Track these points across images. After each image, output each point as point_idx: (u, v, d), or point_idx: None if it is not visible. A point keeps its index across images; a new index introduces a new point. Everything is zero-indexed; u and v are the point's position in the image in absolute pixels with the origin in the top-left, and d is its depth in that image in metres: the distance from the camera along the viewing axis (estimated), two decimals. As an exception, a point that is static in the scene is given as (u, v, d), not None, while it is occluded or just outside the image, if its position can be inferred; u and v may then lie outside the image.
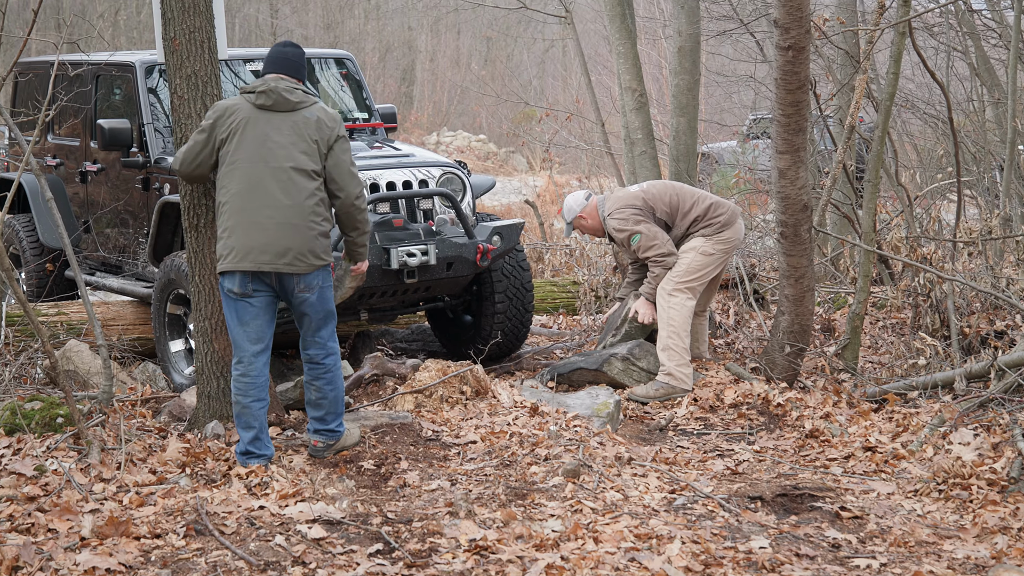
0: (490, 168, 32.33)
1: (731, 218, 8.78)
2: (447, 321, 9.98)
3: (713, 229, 8.73)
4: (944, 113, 14.36)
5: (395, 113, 10.52)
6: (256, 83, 6.79)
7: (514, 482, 6.51)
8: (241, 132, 6.69)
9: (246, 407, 6.78)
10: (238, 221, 6.67)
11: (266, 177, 6.68)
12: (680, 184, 9.14)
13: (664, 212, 8.81)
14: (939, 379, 8.37)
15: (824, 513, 6.27)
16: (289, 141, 6.72)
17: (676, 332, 8.62)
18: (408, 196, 8.97)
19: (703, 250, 8.72)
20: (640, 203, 8.81)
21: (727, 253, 8.82)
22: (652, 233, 8.73)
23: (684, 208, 8.80)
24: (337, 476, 6.60)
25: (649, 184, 9.14)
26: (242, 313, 6.76)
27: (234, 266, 6.66)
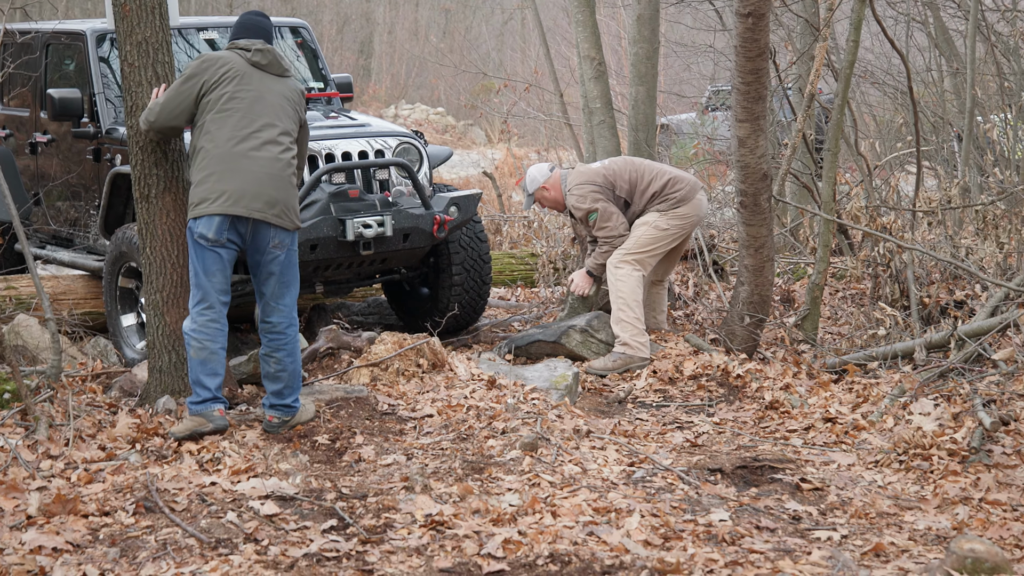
0: (448, 141, 32.15)
1: (689, 193, 8.69)
2: (404, 294, 9.86)
3: (668, 204, 8.65)
4: (903, 83, 14.32)
5: (351, 83, 10.37)
6: (244, 43, 6.79)
7: (471, 456, 6.42)
8: (237, 82, 6.70)
9: (214, 352, 6.71)
10: (229, 167, 6.61)
11: (261, 130, 6.70)
12: (641, 160, 9.04)
13: (624, 189, 8.74)
14: (899, 349, 8.32)
15: (784, 485, 6.21)
16: (279, 103, 6.79)
17: (626, 303, 8.55)
18: (364, 166, 8.83)
19: (656, 224, 8.64)
20: (601, 180, 8.73)
21: (683, 228, 8.72)
22: (608, 214, 8.66)
23: (642, 185, 8.72)
24: (291, 451, 6.49)
25: (611, 160, 9.07)
26: (209, 263, 6.67)
27: (225, 209, 6.57)
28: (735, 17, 7.94)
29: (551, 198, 8.98)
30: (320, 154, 8.75)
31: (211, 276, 6.66)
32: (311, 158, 8.72)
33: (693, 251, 10.79)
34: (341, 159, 8.81)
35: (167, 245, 7.08)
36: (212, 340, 6.68)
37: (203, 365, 6.65)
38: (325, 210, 8.50)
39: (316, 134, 8.89)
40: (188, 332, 6.71)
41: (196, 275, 6.69)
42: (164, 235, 7.05)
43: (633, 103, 9.64)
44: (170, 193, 7.07)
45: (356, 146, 8.90)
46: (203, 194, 6.61)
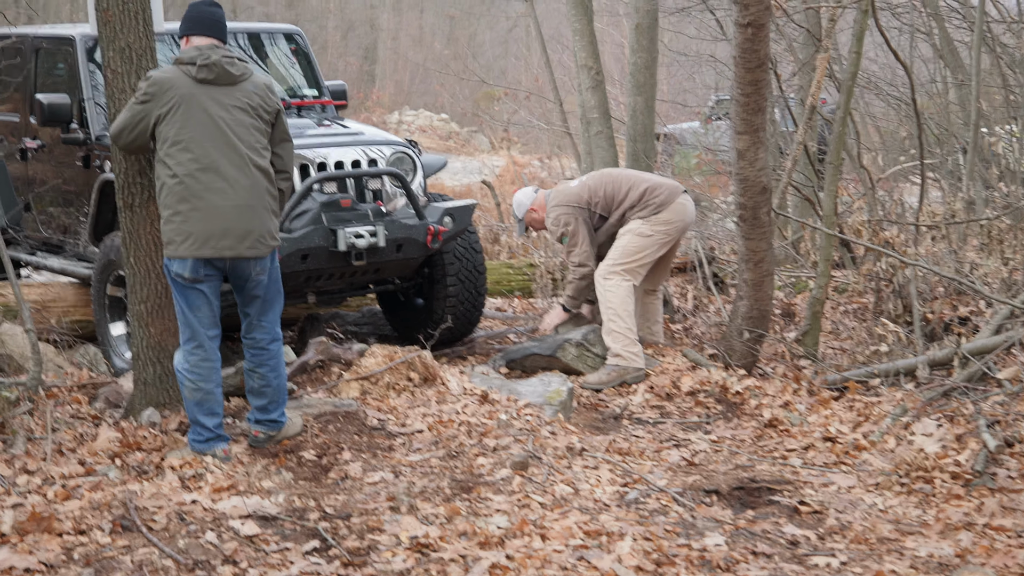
0: (452, 148, 32.00)
1: (668, 198, 8.55)
2: (398, 304, 9.70)
3: (649, 211, 8.52)
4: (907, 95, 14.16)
5: (345, 90, 10.22)
6: (191, 54, 6.35)
7: (460, 474, 6.24)
8: (184, 108, 6.28)
9: (210, 393, 6.44)
10: (194, 205, 6.26)
11: (219, 158, 6.30)
12: (620, 171, 8.95)
13: (600, 204, 8.69)
14: (901, 366, 8.15)
15: (782, 507, 6.04)
16: (237, 118, 6.37)
17: (616, 314, 8.40)
18: (357, 175, 8.68)
19: (640, 231, 8.51)
20: (575, 200, 8.68)
21: (668, 235, 8.57)
22: (575, 240, 8.65)
23: (619, 198, 8.65)
24: (275, 468, 6.31)
25: (589, 176, 8.98)
26: (193, 300, 6.39)
27: (192, 253, 6.26)
28: (734, 27, 7.78)
29: (540, 219, 8.94)
30: (312, 163, 8.60)
31: (197, 311, 6.41)
32: (303, 167, 8.57)
33: (692, 263, 10.63)
34: (333, 168, 8.66)
35: (151, 255, 6.90)
36: (205, 380, 6.43)
37: (200, 406, 6.42)
38: (316, 220, 8.34)
39: (308, 142, 8.75)
40: (180, 371, 6.45)
41: (182, 312, 6.44)
42: (148, 244, 6.87)
43: (632, 113, 9.49)
44: (155, 202, 6.89)
45: (349, 155, 8.75)
46: (170, 235, 6.32)
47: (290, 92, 9.88)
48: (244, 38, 10.02)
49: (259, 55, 10.04)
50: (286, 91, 9.88)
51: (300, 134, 8.94)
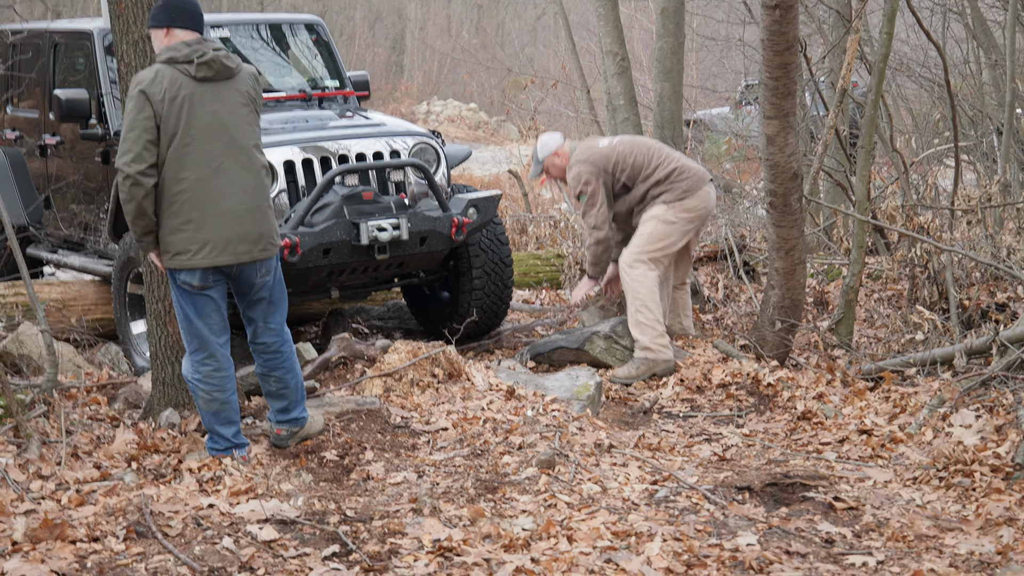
0: (481, 137, 31.86)
1: (695, 184, 8.32)
2: (423, 298, 9.55)
3: (674, 195, 8.28)
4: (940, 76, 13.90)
5: (368, 81, 10.05)
6: (183, 51, 6.03)
7: (484, 474, 6.08)
8: (188, 110, 5.98)
9: (226, 402, 6.26)
10: (206, 211, 6.02)
11: (226, 159, 6.08)
12: (652, 143, 8.66)
13: (626, 173, 8.40)
14: (938, 355, 7.95)
15: (816, 504, 5.84)
16: (238, 114, 6.14)
17: (644, 305, 8.19)
18: (378, 167, 8.53)
19: (665, 218, 8.29)
20: (602, 160, 8.38)
21: (691, 222, 8.36)
22: (593, 200, 8.36)
23: (647, 170, 8.37)
24: (295, 469, 6.16)
25: (620, 140, 8.66)
26: (202, 307, 6.19)
27: (212, 261, 6.04)
28: (762, 9, 7.58)
29: (560, 167, 8.61)
30: (334, 155, 8.46)
31: (207, 318, 6.20)
32: (324, 159, 8.43)
33: (723, 252, 10.44)
34: (355, 160, 8.51)
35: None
36: (220, 390, 6.24)
37: (216, 416, 6.25)
38: (338, 213, 8.20)
39: (330, 134, 8.62)
40: (192, 381, 6.25)
41: (188, 321, 6.20)
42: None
43: (659, 99, 9.30)
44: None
45: (371, 146, 8.61)
46: (183, 244, 6.04)
47: (312, 83, 9.74)
48: (265, 29, 9.89)
49: (280, 46, 9.90)
50: (308, 82, 9.74)
51: (322, 126, 8.82)
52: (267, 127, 8.61)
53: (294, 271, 8.23)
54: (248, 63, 9.54)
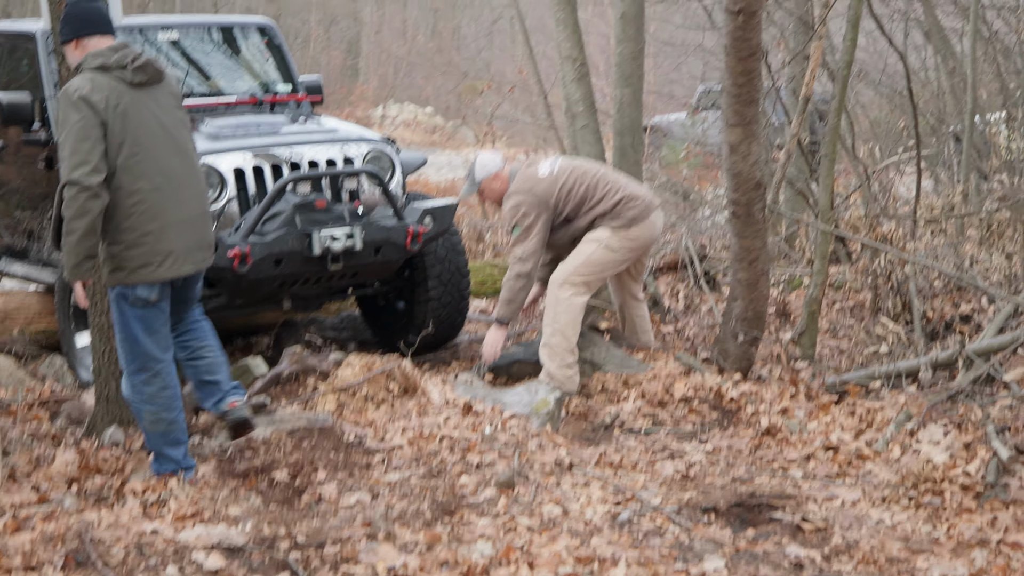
0: (437, 141, 31.64)
1: (643, 213, 7.98)
2: (378, 308, 9.33)
3: (621, 223, 8.00)
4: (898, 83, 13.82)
5: (321, 85, 9.81)
6: (114, 56, 5.76)
7: (441, 495, 5.86)
8: (132, 118, 5.72)
9: (173, 422, 6.01)
10: (165, 221, 5.78)
11: (176, 165, 5.86)
12: (597, 169, 8.21)
13: (570, 206, 7.99)
14: (903, 368, 7.79)
15: (784, 526, 5.66)
16: (176, 118, 5.93)
17: (560, 331, 7.86)
18: (331, 175, 8.29)
19: (608, 243, 7.95)
20: (544, 193, 7.93)
21: (634, 251, 8.04)
22: (528, 234, 7.88)
23: (592, 202, 7.98)
24: (244, 491, 5.92)
25: (562, 168, 8.13)
26: (153, 321, 5.93)
27: (174, 273, 5.82)
28: (725, 15, 7.39)
29: (497, 191, 8.20)
30: (285, 162, 8.23)
31: (155, 334, 5.95)
32: (275, 166, 8.20)
33: (683, 261, 10.27)
34: (307, 167, 8.28)
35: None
36: (168, 410, 6.00)
37: (163, 437, 6.00)
38: (290, 222, 7.97)
39: (281, 140, 8.39)
40: (136, 404, 6.00)
41: (135, 341, 5.92)
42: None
43: (618, 106, 9.11)
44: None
45: (324, 153, 8.38)
46: (144, 258, 5.77)
47: (263, 87, 9.50)
48: (216, 32, 9.65)
49: (231, 49, 9.66)
50: (259, 86, 9.50)
51: (273, 132, 8.58)
52: (216, 132, 8.38)
53: (244, 282, 7.99)
54: (199, 67, 9.36)
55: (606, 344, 8.29)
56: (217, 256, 7.75)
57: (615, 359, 8.18)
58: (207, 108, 9.08)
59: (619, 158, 9.16)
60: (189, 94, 9.14)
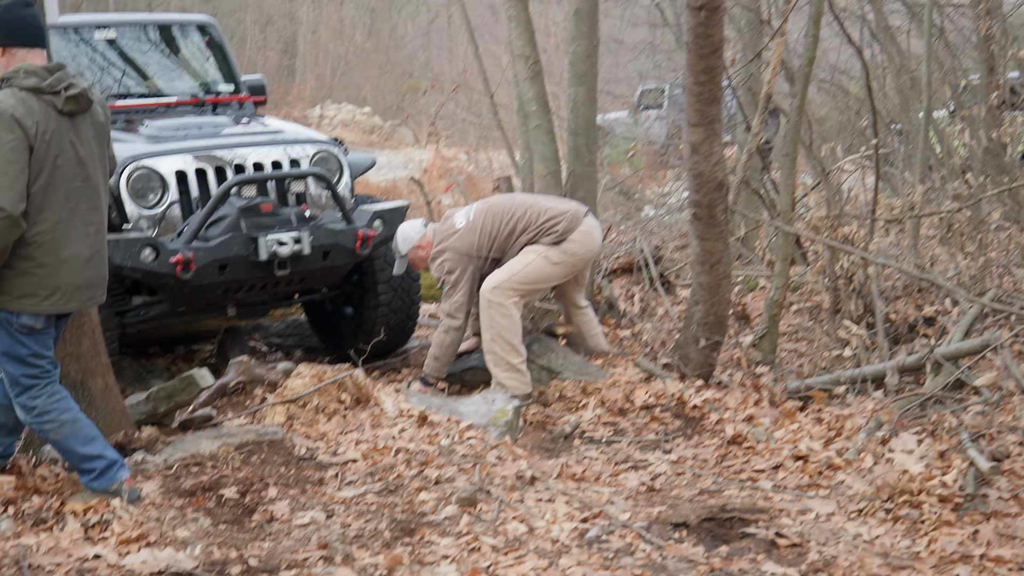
0: (376, 141, 31.34)
1: (571, 224, 7.77)
2: (326, 314, 9.05)
3: (554, 238, 7.76)
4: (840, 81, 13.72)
5: (264, 85, 9.52)
6: (48, 79, 5.36)
7: (400, 513, 5.57)
8: (51, 146, 5.34)
9: (76, 419, 5.64)
10: (59, 257, 5.43)
11: (81, 200, 5.47)
12: (512, 203, 8.00)
13: (496, 248, 7.81)
14: (868, 373, 7.61)
15: (758, 541, 5.42)
16: (93, 151, 5.54)
17: (500, 337, 7.66)
18: (277, 178, 8.00)
19: (547, 256, 7.73)
20: (466, 248, 7.75)
21: (574, 266, 7.85)
22: (456, 288, 7.74)
23: (516, 233, 7.79)
24: (192, 511, 5.60)
25: (476, 213, 7.95)
26: (44, 341, 5.56)
27: (57, 308, 5.46)
28: (686, 11, 7.17)
29: (425, 257, 7.98)
30: (229, 164, 7.93)
31: (48, 349, 5.60)
32: (219, 169, 7.89)
33: (639, 263, 10.04)
34: (252, 170, 7.99)
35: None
36: (66, 410, 5.63)
37: (75, 437, 5.62)
38: (235, 227, 7.67)
39: (225, 142, 8.09)
40: (35, 424, 5.62)
41: (22, 361, 5.54)
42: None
43: (572, 105, 8.86)
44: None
45: (269, 155, 8.08)
46: (31, 288, 5.40)
47: (204, 88, 9.18)
48: (154, 30, 9.32)
49: (170, 48, 9.33)
50: (200, 86, 9.18)
51: (215, 133, 8.28)
52: (157, 135, 8.06)
53: (188, 288, 7.69)
54: (138, 67, 9.02)
55: (563, 350, 8.05)
56: (159, 262, 7.47)
57: (573, 365, 7.95)
58: (146, 109, 8.76)
59: (573, 158, 8.91)
60: (127, 94, 8.81)
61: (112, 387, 6.45)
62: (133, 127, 8.33)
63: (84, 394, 6.29)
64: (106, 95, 8.70)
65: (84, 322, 6.30)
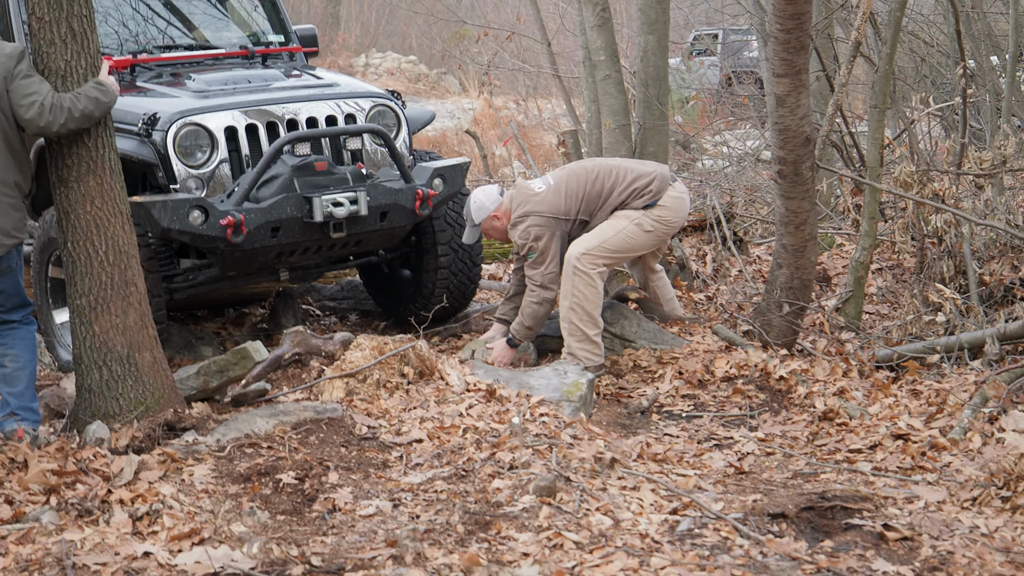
0: (422, 91, 30.82)
1: (661, 186, 7.31)
2: (383, 277, 8.59)
3: (646, 199, 7.28)
4: (913, 27, 13.08)
5: (316, 35, 9.01)
6: None
7: (473, 504, 5.12)
8: None
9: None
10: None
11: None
12: (594, 165, 7.58)
13: (583, 210, 7.33)
14: (965, 340, 7.10)
15: (865, 534, 4.94)
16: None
17: (578, 304, 7.18)
18: (332, 134, 7.53)
19: (640, 222, 7.26)
20: (552, 210, 7.27)
21: (666, 234, 7.43)
22: (544, 258, 7.22)
23: (604, 196, 7.31)
24: (248, 501, 5.16)
25: (556, 177, 7.51)
26: None
27: None
28: (773, -49, 6.63)
29: (501, 228, 7.48)
30: (281, 120, 7.47)
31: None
32: (270, 124, 7.43)
33: (710, 221, 9.52)
34: (305, 126, 7.53)
35: (92, 239, 5.79)
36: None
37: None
38: (288, 187, 7.23)
39: (276, 96, 7.63)
40: None
41: None
42: (87, 227, 5.77)
43: (642, 54, 8.33)
44: (94, 176, 5.77)
45: (323, 110, 7.62)
46: None
47: (253, 39, 8.70)
48: (200, -21, 8.84)
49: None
50: (249, 37, 8.70)
51: (266, 87, 7.81)
52: (205, 89, 7.61)
53: (239, 252, 7.26)
54: (182, 16, 8.56)
55: (636, 317, 7.57)
56: (208, 225, 7.05)
57: (647, 333, 7.48)
58: (193, 61, 8.29)
59: (644, 111, 8.41)
60: (172, 46, 8.35)
61: (160, 361, 6.04)
62: (179, 81, 7.87)
63: (131, 369, 5.90)
64: (150, 46, 8.25)
65: (131, 292, 5.89)
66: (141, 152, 7.23)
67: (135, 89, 7.78)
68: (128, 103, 7.37)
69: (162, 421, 5.85)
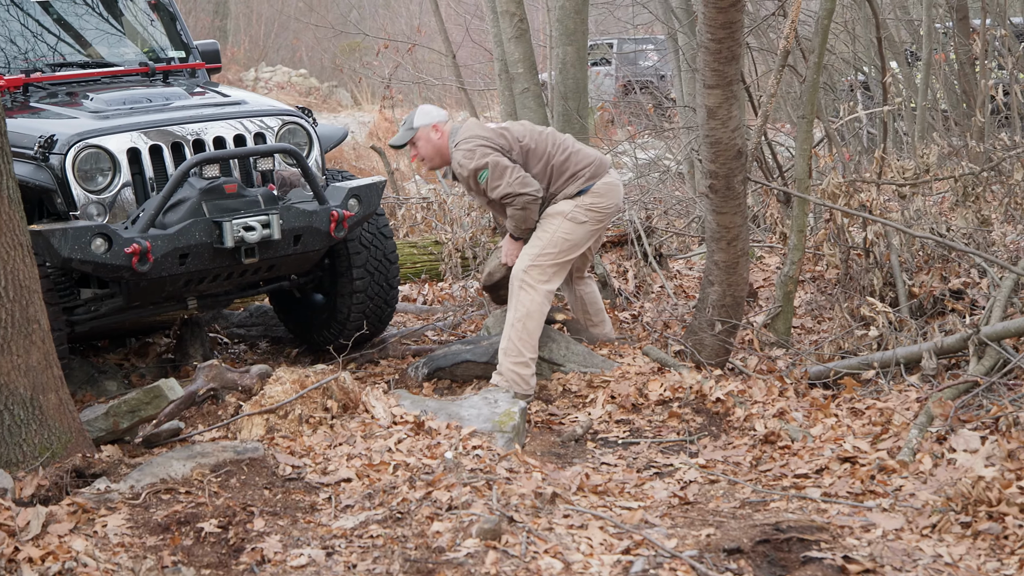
0: (312, 104, 30.36)
1: (598, 171, 7.12)
2: (294, 302, 8.23)
3: (577, 185, 7.06)
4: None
5: (218, 50, 8.63)
6: None
7: (413, 550, 4.79)
8: None
9: None
10: None
11: None
12: (539, 127, 7.34)
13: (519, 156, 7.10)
14: (901, 355, 6.93)
15: (825, 567, 4.70)
16: None
17: (522, 321, 6.95)
18: (242, 155, 7.16)
19: (571, 215, 7.04)
20: (493, 139, 7.04)
21: (600, 222, 7.17)
22: (500, 168, 6.95)
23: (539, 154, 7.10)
24: (169, 555, 4.80)
25: (510, 123, 7.38)
26: None
27: None
28: (701, -42, 6.41)
29: (435, 144, 7.20)
30: (186, 141, 7.08)
31: None
32: (176, 145, 7.05)
33: (629, 236, 9.29)
34: (213, 146, 7.13)
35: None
36: None
37: None
38: (196, 211, 6.85)
39: (180, 116, 7.24)
40: None
41: None
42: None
43: (561, 66, 8.08)
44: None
45: (230, 129, 7.25)
46: None
47: (152, 56, 8.30)
48: (94, -8, 8.42)
49: (111, 13, 8.43)
50: (147, 54, 8.30)
51: (169, 106, 7.42)
52: (104, 109, 7.21)
53: (145, 281, 6.86)
54: (76, 33, 8.14)
55: (564, 339, 7.31)
56: (112, 253, 6.65)
57: (576, 356, 7.21)
58: (89, 80, 7.87)
59: (563, 125, 8.15)
60: (65, 64, 7.92)
61: (67, 402, 5.64)
62: (76, 101, 7.45)
63: (35, 412, 5.49)
64: (42, 64, 7.83)
65: (33, 330, 5.49)
66: (38, 177, 6.81)
67: (29, 110, 7.35)
68: (22, 125, 6.96)
69: (70, 467, 5.45)
